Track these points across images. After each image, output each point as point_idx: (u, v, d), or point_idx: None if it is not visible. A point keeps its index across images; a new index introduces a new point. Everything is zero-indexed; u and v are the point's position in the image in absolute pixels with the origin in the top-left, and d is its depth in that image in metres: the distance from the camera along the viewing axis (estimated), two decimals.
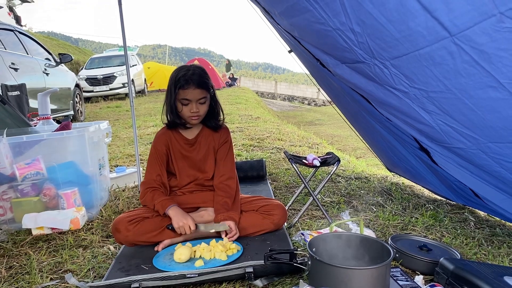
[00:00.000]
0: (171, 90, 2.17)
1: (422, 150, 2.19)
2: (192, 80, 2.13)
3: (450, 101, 1.50)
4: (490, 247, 2.24)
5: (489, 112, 1.42)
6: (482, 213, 2.85)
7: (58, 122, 3.51)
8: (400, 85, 1.62)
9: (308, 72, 3.42)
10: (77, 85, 7.91)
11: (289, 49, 3.40)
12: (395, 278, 1.64)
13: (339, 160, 2.48)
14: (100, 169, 2.90)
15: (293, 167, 2.43)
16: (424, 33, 1.38)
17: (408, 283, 1.60)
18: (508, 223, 2.66)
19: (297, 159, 2.51)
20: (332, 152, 2.67)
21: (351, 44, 1.69)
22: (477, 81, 1.34)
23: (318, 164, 2.48)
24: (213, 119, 2.35)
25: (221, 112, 2.38)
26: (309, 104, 26.11)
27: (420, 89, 1.56)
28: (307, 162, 2.51)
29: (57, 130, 2.85)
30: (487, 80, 1.30)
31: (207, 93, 2.21)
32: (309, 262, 1.44)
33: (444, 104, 1.55)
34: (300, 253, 1.72)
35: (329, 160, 2.56)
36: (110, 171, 3.44)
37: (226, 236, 2.14)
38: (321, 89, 3.50)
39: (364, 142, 3.82)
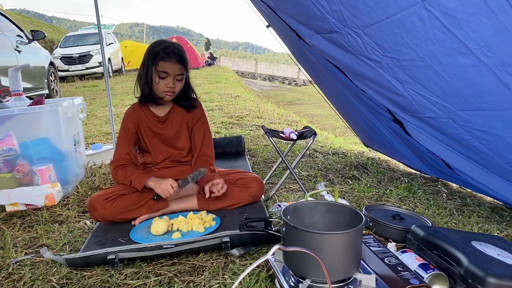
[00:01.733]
0: (148, 61, 2.12)
1: (396, 122, 2.22)
2: (174, 54, 2.10)
3: (421, 69, 1.52)
4: (460, 217, 2.31)
5: (458, 79, 1.45)
6: (454, 185, 2.93)
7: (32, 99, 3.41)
8: (373, 55, 1.63)
9: (285, 47, 3.41)
10: (51, 64, 7.69)
11: (267, 23, 3.37)
12: (368, 244, 1.68)
13: (315, 134, 2.50)
14: (75, 145, 2.85)
15: (270, 141, 2.44)
16: None
17: (380, 249, 1.64)
18: (478, 194, 2.74)
19: (274, 133, 2.52)
20: (309, 126, 2.69)
21: (325, 12, 1.69)
22: (447, 47, 1.36)
23: (295, 137, 2.50)
24: (186, 99, 2.32)
25: (193, 92, 2.36)
26: (289, 84, 26.07)
27: (392, 57, 1.58)
28: (284, 135, 2.53)
29: (30, 105, 2.78)
30: (456, 46, 1.32)
31: (185, 71, 2.19)
32: (283, 229, 1.46)
33: (416, 73, 1.57)
34: (276, 220, 1.75)
35: (305, 133, 2.58)
36: (86, 148, 3.39)
37: (210, 193, 2.16)
38: (298, 64, 3.50)
39: (342, 118, 3.86)
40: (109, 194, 2.14)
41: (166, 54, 2.09)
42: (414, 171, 3.27)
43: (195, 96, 2.38)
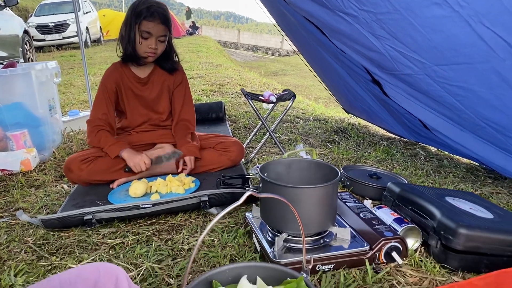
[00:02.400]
0: (131, 20, 2.06)
1: (374, 83, 2.22)
2: (158, 14, 2.05)
3: (397, 22, 1.51)
4: (437, 177, 2.35)
5: (434, 32, 1.44)
6: (432, 148, 2.98)
7: None
8: (349, 9, 1.61)
9: (269, 15, 3.34)
10: (26, 32, 7.43)
11: None
12: (344, 200, 1.70)
13: (294, 96, 2.49)
14: (50, 110, 2.79)
15: (250, 103, 2.42)
16: None
17: (356, 204, 1.67)
18: (455, 156, 2.80)
19: (253, 96, 2.50)
20: (289, 89, 2.68)
21: None
22: None
23: (274, 100, 2.48)
24: (168, 60, 2.27)
25: (175, 55, 2.31)
26: (273, 54, 25.81)
27: (368, 11, 1.55)
28: (263, 98, 2.51)
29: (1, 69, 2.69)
30: None
31: (168, 32, 2.13)
32: (261, 186, 1.46)
33: (392, 27, 1.55)
34: (253, 177, 1.75)
35: (285, 96, 2.57)
36: (63, 115, 3.32)
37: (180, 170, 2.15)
38: (283, 33, 3.44)
39: (323, 84, 3.85)
40: (86, 155, 2.11)
41: (150, 14, 2.03)
42: (393, 136, 3.31)
43: (177, 59, 2.33)
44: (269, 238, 1.46)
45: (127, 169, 2.09)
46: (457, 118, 1.85)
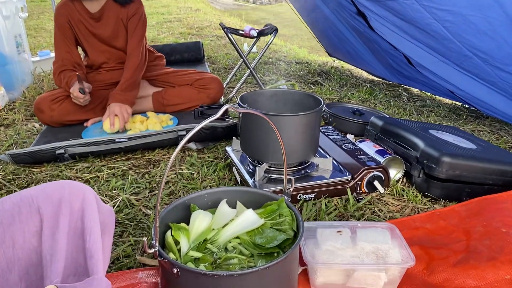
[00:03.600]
0: None
1: (359, 15, 2.13)
2: None
3: None
4: (419, 116, 2.34)
5: None
6: (415, 90, 2.94)
7: None
8: None
9: None
10: None
11: None
12: (326, 133, 1.66)
13: (276, 30, 2.38)
14: (17, 47, 2.62)
15: (229, 38, 2.31)
16: None
17: (338, 137, 1.63)
18: (438, 97, 2.77)
19: (233, 30, 2.37)
20: (270, 23, 2.55)
21: None
22: None
23: (255, 34, 2.37)
24: None
25: None
26: (254, 2, 24.97)
27: None
28: (244, 32, 2.39)
29: None
30: None
31: None
32: (240, 116, 1.40)
33: None
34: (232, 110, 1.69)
35: (266, 31, 2.45)
36: (34, 55, 3.14)
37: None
38: None
39: (307, 27, 3.72)
40: (56, 95, 1.99)
41: None
42: (376, 78, 3.25)
43: None
44: (250, 170, 1.42)
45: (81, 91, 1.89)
46: (443, 49, 1.79)
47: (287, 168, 1.37)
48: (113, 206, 1.33)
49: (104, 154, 1.70)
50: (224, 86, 2.40)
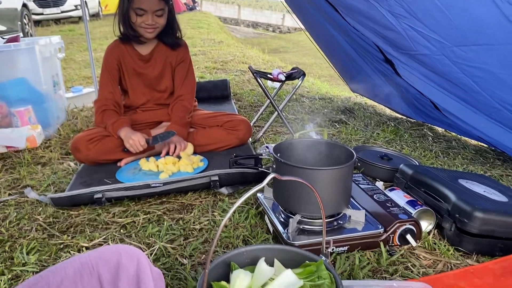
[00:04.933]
0: None
1: (387, 62, 2.18)
2: None
3: (418, 1, 1.46)
4: (446, 158, 2.34)
5: (457, 12, 1.39)
6: (440, 129, 2.95)
7: None
8: None
9: None
10: (24, 5, 7.29)
11: None
12: (357, 182, 1.69)
13: (304, 74, 2.44)
14: (54, 86, 2.74)
15: (258, 81, 2.38)
16: None
17: (369, 186, 1.65)
18: (463, 138, 2.77)
19: (262, 74, 2.45)
20: (298, 67, 2.63)
21: None
22: None
23: (283, 78, 2.44)
24: (170, 35, 2.20)
25: (178, 30, 2.23)
26: (273, 31, 25.43)
27: None
28: (272, 76, 2.46)
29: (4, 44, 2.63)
30: None
31: (165, 5, 2.04)
32: (274, 166, 1.44)
33: (413, 6, 1.50)
34: (266, 158, 1.74)
35: (294, 74, 2.52)
36: (66, 91, 3.27)
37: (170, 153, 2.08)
38: (289, 9, 3.37)
39: (329, 62, 3.79)
40: (93, 135, 2.07)
41: None
42: (400, 116, 3.28)
43: (180, 35, 2.26)
44: (282, 219, 1.45)
45: (125, 149, 2.04)
46: (471, 100, 1.82)
47: (320, 219, 1.39)
48: (151, 254, 1.37)
49: (139, 197, 1.76)
50: (251, 125, 2.46)
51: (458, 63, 1.60)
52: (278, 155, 1.46)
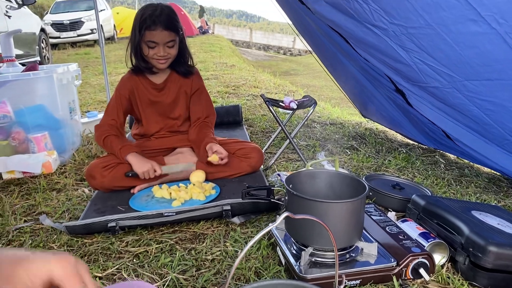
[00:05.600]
0: (136, 31, 2.04)
1: (398, 92, 2.20)
2: (160, 21, 2.00)
3: (429, 37, 1.49)
4: (458, 187, 2.32)
5: (467, 48, 1.42)
6: (452, 156, 2.94)
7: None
8: (379, 22, 1.59)
9: (284, 14, 3.33)
10: (42, 30, 7.51)
11: None
12: (369, 213, 1.68)
13: (315, 103, 2.47)
14: (70, 113, 2.81)
15: (270, 110, 2.41)
16: None
17: (381, 217, 1.65)
18: (476, 165, 2.76)
19: (274, 102, 2.49)
20: (309, 95, 2.66)
21: None
22: (458, 15, 1.32)
23: (295, 106, 2.47)
24: (182, 64, 2.26)
25: (190, 58, 2.29)
26: (284, 53, 25.75)
27: (399, 25, 1.53)
28: (284, 105, 2.50)
29: (24, 72, 2.71)
30: (468, 13, 1.28)
31: (176, 36, 2.09)
32: (286, 198, 1.46)
33: (423, 41, 1.53)
34: (278, 189, 1.75)
35: (306, 103, 2.55)
36: (82, 116, 3.34)
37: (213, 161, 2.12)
38: (298, 33, 3.43)
39: (340, 88, 3.82)
40: (107, 162, 2.11)
41: (152, 22, 1.99)
42: (412, 142, 3.28)
43: (192, 63, 2.32)
44: (294, 251, 1.45)
45: (130, 174, 2.06)
46: (484, 131, 1.82)
47: (332, 251, 1.39)
48: (163, 286, 1.38)
49: (152, 225, 1.77)
50: (263, 151, 2.48)
51: (469, 96, 1.61)
52: (290, 186, 1.47)
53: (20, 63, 3.29)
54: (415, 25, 1.47)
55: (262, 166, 2.37)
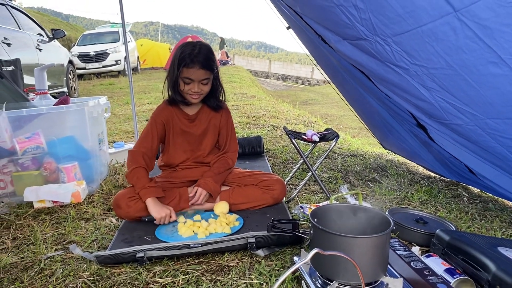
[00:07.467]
0: (174, 67, 2.16)
1: (419, 127, 2.23)
2: (197, 60, 2.11)
3: (450, 77, 1.53)
4: (483, 221, 2.31)
5: (488, 89, 1.46)
6: (475, 189, 2.92)
7: (54, 97, 3.50)
8: (401, 62, 1.64)
9: (304, 48, 3.43)
10: (70, 62, 7.82)
11: (287, 25, 3.39)
12: (393, 248, 1.69)
13: (338, 136, 2.51)
14: (99, 144, 2.91)
15: (293, 142, 2.46)
16: (428, 8, 1.39)
17: (406, 252, 1.66)
18: (500, 199, 2.73)
19: (296, 135, 2.55)
20: (331, 128, 2.71)
21: (354, 20, 1.70)
22: (479, 57, 1.36)
23: (317, 139, 2.52)
24: (214, 98, 2.36)
25: (223, 93, 2.40)
26: (303, 83, 26.03)
27: (421, 65, 1.59)
28: (306, 137, 2.55)
29: (56, 104, 2.84)
30: (488, 56, 1.33)
31: (211, 74, 2.20)
32: (311, 232, 1.48)
33: (444, 81, 1.57)
34: (302, 223, 1.78)
35: (328, 135, 2.60)
36: (109, 146, 3.45)
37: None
38: (318, 67, 3.51)
39: (360, 119, 3.86)
40: (133, 193, 2.18)
41: (190, 61, 2.10)
42: (434, 174, 3.27)
43: (223, 98, 2.41)
44: (319, 285, 1.46)
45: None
46: (507, 167, 1.83)
47: (356, 286, 1.41)
48: None
49: (178, 256, 1.82)
50: (285, 183, 2.52)
51: (492, 134, 1.63)
52: (315, 220, 1.50)
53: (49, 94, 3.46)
54: (437, 66, 1.52)
55: (284, 198, 2.40)
